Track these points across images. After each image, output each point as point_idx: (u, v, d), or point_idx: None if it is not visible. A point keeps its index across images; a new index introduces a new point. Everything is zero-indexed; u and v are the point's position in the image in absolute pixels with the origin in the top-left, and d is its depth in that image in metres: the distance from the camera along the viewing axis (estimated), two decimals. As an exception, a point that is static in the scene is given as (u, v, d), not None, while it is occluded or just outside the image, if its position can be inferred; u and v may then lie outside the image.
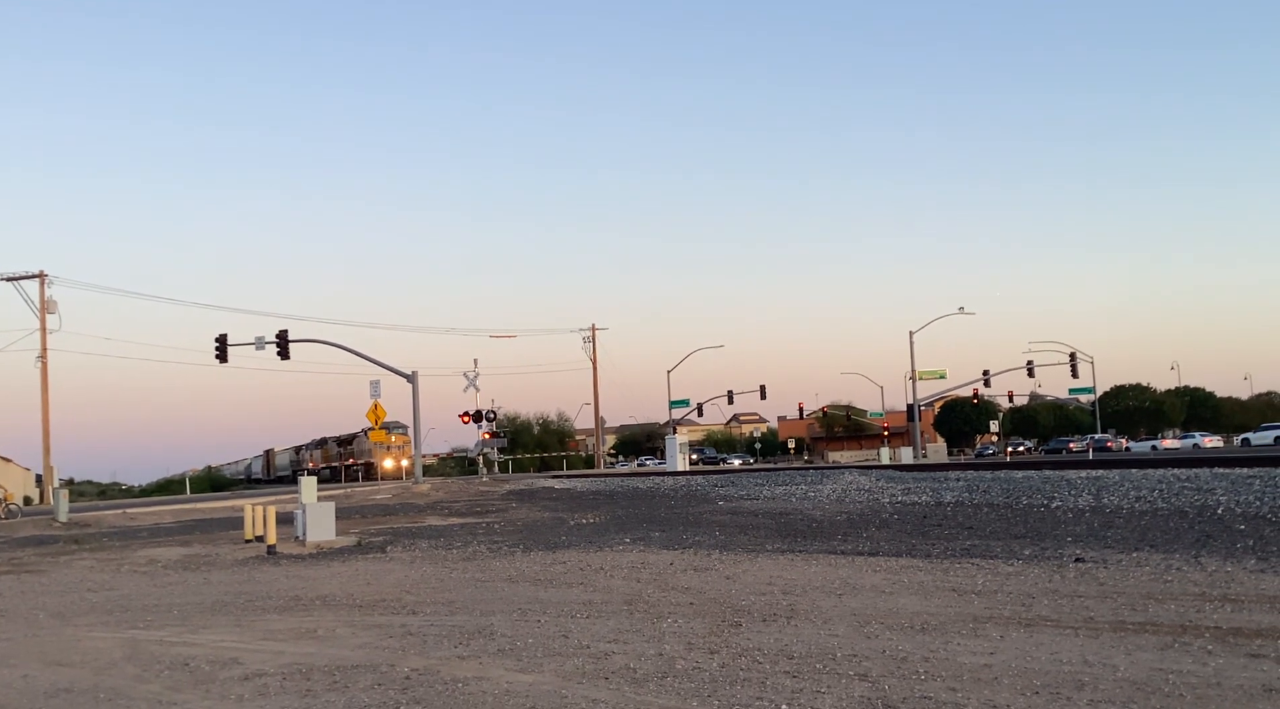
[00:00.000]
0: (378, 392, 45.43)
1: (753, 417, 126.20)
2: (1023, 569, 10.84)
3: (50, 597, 12.16)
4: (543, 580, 11.55)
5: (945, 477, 31.00)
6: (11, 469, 55.28)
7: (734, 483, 34.68)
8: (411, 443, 69.05)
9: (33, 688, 6.87)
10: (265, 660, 7.40)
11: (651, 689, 6.06)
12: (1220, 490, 19.06)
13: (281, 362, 45.87)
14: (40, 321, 51.38)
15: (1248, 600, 8.36)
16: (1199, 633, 7.08)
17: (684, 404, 78.19)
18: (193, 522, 27.35)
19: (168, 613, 10.27)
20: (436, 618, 9.12)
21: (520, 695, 6.01)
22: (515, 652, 7.35)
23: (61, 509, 28.83)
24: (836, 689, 5.87)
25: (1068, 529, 14.95)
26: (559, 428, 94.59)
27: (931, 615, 8.18)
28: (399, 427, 68.06)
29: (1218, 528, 13.98)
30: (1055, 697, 5.53)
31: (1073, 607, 8.37)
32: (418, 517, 25.49)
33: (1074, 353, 73.67)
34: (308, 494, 19.37)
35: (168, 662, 7.53)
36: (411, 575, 12.69)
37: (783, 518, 19.66)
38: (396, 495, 38.44)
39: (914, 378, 72.50)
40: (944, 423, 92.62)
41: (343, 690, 6.34)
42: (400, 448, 68.57)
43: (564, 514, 23.89)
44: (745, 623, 8.16)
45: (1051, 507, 18.96)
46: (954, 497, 22.89)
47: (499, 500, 32.58)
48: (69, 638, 8.91)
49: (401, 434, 68.49)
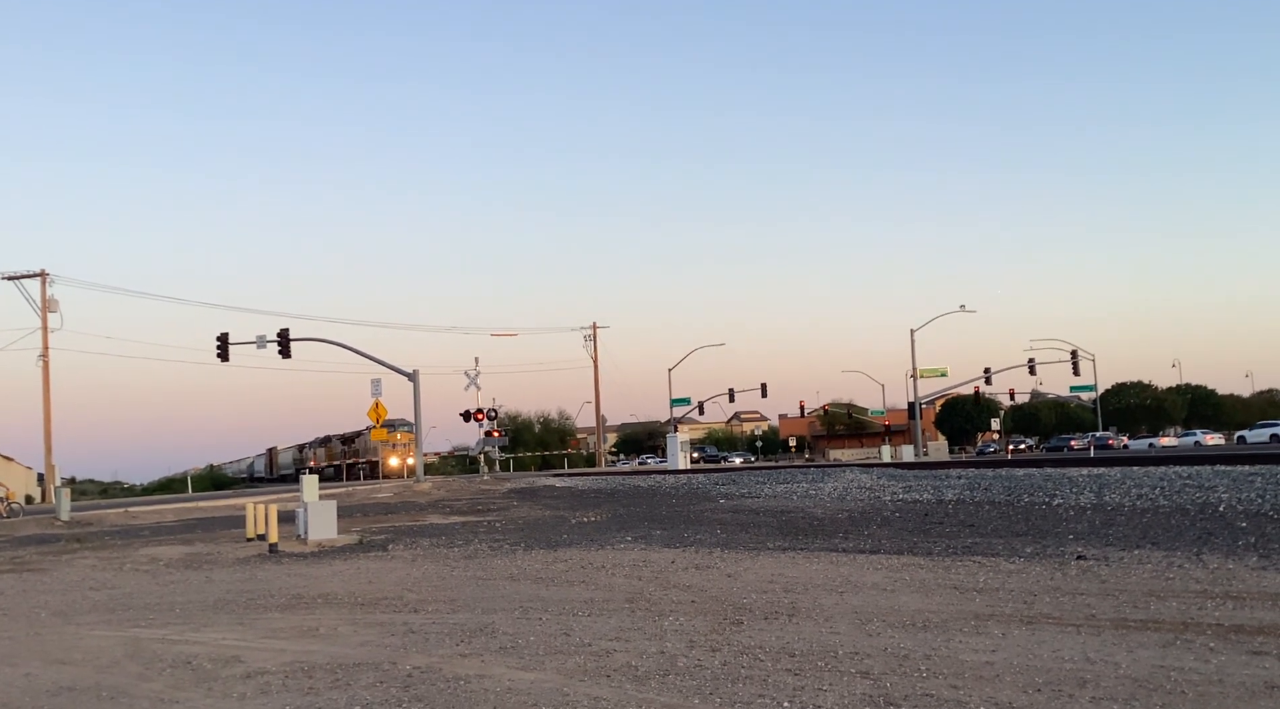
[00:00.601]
0: (379, 390, 45.49)
1: (754, 415, 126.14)
2: (1024, 567, 10.84)
3: (52, 595, 12.17)
4: (544, 579, 11.56)
5: (946, 474, 30.98)
6: (13, 468, 55.37)
7: (735, 481, 34.68)
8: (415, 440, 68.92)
9: (35, 686, 6.88)
10: (267, 659, 7.41)
11: (653, 687, 6.06)
12: (1222, 488, 19.04)
13: (283, 360, 45.94)
14: (42, 320, 51.41)
15: (1250, 598, 8.35)
16: (1201, 630, 7.08)
17: (685, 402, 78.20)
18: (194, 520, 27.37)
19: (169, 611, 10.28)
20: (438, 616, 9.12)
21: (522, 693, 6.01)
22: (517, 650, 7.36)
23: (63, 508, 28.86)
24: (838, 687, 5.87)
25: (1069, 527, 14.95)
26: (560, 426, 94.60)
27: (933, 613, 8.18)
28: (405, 424, 67.25)
29: (1219, 525, 13.97)
30: (1057, 694, 5.53)
31: (1074, 604, 8.37)
32: (419, 515, 25.51)
33: (1075, 350, 73.64)
34: (309, 493, 19.38)
35: (170, 660, 7.53)
36: (413, 573, 12.70)
37: (784, 516, 19.66)
38: (398, 494, 38.46)
39: (915, 376, 72.51)
40: (945, 421, 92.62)
41: (345, 689, 6.35)
42: (406, 446, 67.68)
43: (565, 512, 23.90)
44: (747, 621, 8.16)
45: (1053, 504, 18.95)
46: (955, 494, 22.88)
47: (500, 499, 32.60)
48: (71, 636, 8.92)
49: (407, 432, 67.94)
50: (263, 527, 18.09)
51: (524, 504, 28.87)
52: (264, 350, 45.84)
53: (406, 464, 66.67)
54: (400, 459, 67.43)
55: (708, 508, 23.07)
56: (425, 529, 20.52)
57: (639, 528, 18.24)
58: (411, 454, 68.19)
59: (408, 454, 67.36)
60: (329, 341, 49.89)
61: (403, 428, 66.21)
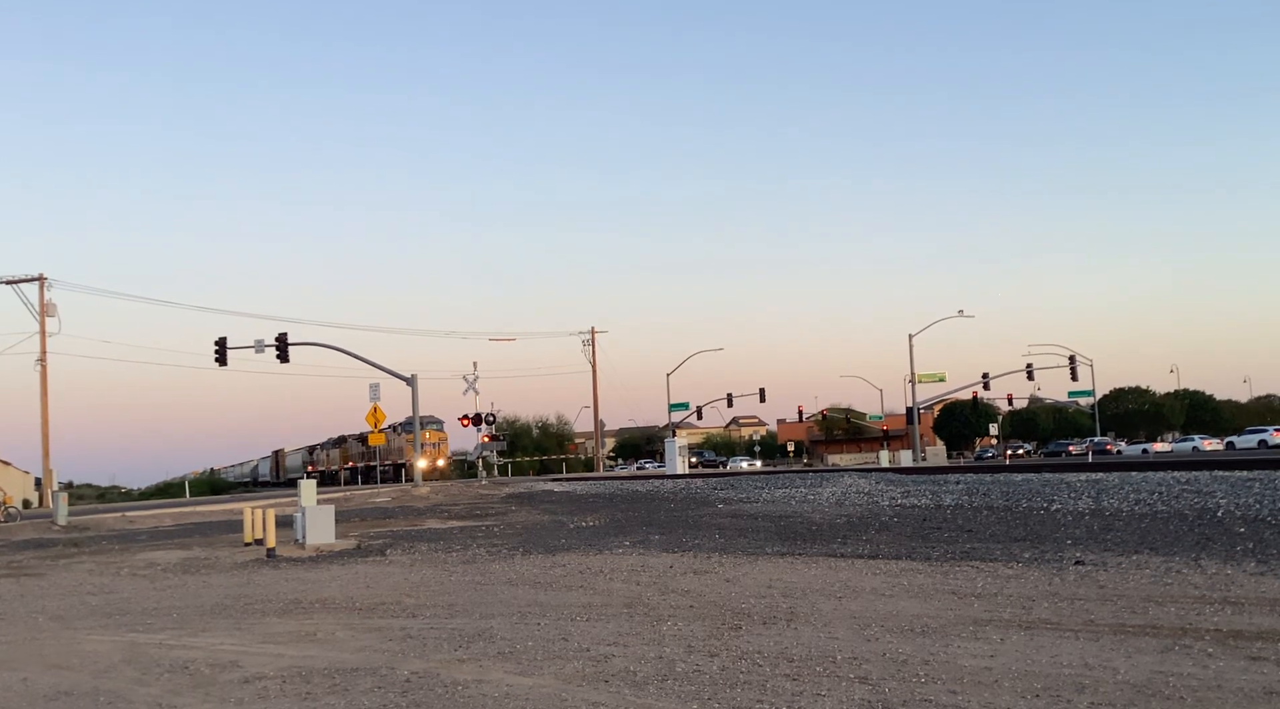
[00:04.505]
0: (377, 394, 45.50)
1: (752, 420, 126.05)
2: (1022, 572, 10.84)
3: (50, 600, 12.15)
4: (542, 583, 11.54)
5: (945, 479, 30.98)
6: (10, 472, 55.23)
7: (733, 486, 34.66)
8: (446, 440, 66.97)
9: (33, 691, 6.87)
10: (265, 663, 7.39)
11: (652, 692, 6.05)
12: (1220, 493, 19.05)
13: (281, 365, 45.92)
14: (40, 325, 51.38)
15: (1248, 603, 8.35)
16: (1199, 635, 7.08)
17: (683, 407, 78.15)
18: (192, 525, 27.32)
19: (167, 616, 10.26)
20: (436, 621, 9.11)
21: (520, 699, 6.01)
22: (515, 655, 7.35)
23: (61, 512, 28.81)
24: (837, 692, 5.87)
25: (1067, 532, 14.94)
26: (558, 431, 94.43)
27: (931, 618, 8.17)
28: (433, 422, 63.89)
29: (1217, 531, 13.97)
30: (1056, 699, 5.53)
31: (1073, 609, 8.37)
32: (417, 520, 25.48)
33: (1073, 356, 73.73)
34: (307, 497, 19.37)
35: (167, 665, 7.52)
36: (411, 578, 12.68)
37: (782, 521, 19.64)
38: (396, 498, 38.41)
39: (913, 381, 72.55)
40: (943, 426, 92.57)
41: (342, 693, 6.34)
42: (436, 446, 64.03)
43: (563, 517, 23.87)
44: (745, 626, 8.16)
45: (1051, 509, 18.94)
46: (953, 499, 22.87)
47: (498, 503, 32.57)
48: (68, 641, 8.90)
49: (436, 430, 64.38)
50: (260, 531, 18.07)
51: (522, 509, 28.84)
52: (262, 355, 45.87)
53: (437, 466, 63.43)
54: (430, 460, 62.56)
55: (706, 513, 23.05)
56: (423, 534, 20.49)
57: (637, 533, 18.22)
58: (442, 454, 65.96)
59: (438, 455, 64.10)
60: (327, 346, 49.96)
61: (431, 426, 63.11)
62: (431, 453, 63.26)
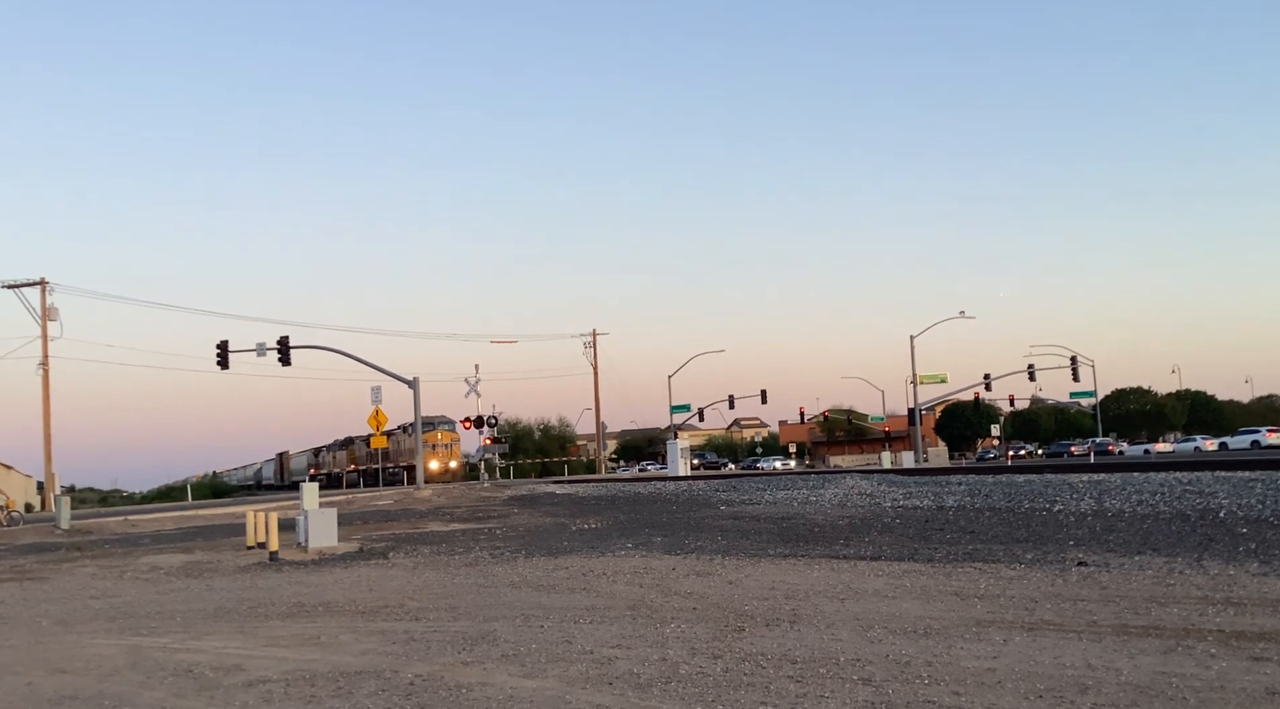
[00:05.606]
0: (379, 397, 45.43)
1: (754, 421, 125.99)
2: (1025, 573, 10.84)
3: (53, 604, 12.16)
4: (545, 586, 11.55)
5: (947, 481, 30.98)
6: (13, 476, 55.27)
7: (735, 488, 34.65)
8: (459, 440, 65.99)
9: (37, 695, 6.88)
10: (269, 667, 7.41)
11: (655, 694, 6.06)
12: (1222, 494, 19.05)
13: (284, 368, 45.92)
14: (41, 329, 51.45)
15: (1250, 604, 8.36)
16: (1202, 636, 7.09)
17: (685, 409, 78.13)
18: (195, 528, 27.32)
19: (170, 619, 10.27)
20: (439, 624, 9.12)
21: (524, 701, 6.01)
22: (519, 657, 7.35)
23: (63, 516, 28.81)
24: (840, 694, 5.87)
25: (1070, 533, 14.94)
26: (560, 433, 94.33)
27: (934, 620, 8.18)
28: (445, 422, 62.43)
29: (1220, 531, 13.97)
30: (1059, 700, 5.53)
31: (1075, 610, 8.37)
32: (419, 522, 25.48)
33: (1075, 356, 73.64)
34: (309, 500, 19.38)
35: (171, 668, 7.53)
36: (414, 581, 12.69)
37: (785, 522, 19.64)
38: (398, 501, 38.40)
39: (915, 382, 72.48)
40: (945, 427, 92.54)
41: (346, 697, 6.35)
42: (448, 446, 62.46)
43: (566, 519, 23.87)
44: (748, 628, 8.16)
45: (1053, 510, 18.94)
46: (956, 501, 22.87)
47: (501, 506, 32.56)
48: (72, 645, 8.91)
49: (448, 430, 62.68)
50: (263, 534, 18.08)
51: (524, 511, 28.84)
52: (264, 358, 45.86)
53: (449, 467, 62.11)
54: (442, 462, 61.48)
55: (708, 514, 23.05)
56: (426, 536, 20.49)
57: (640, 535, 18.22)
58: (454, 456, 65.01)
59: (450, 456, 62.64)
60: (328, 349, 49.94)
61: (443, 426, 62.06)
62: (444, 454, 62.18)
